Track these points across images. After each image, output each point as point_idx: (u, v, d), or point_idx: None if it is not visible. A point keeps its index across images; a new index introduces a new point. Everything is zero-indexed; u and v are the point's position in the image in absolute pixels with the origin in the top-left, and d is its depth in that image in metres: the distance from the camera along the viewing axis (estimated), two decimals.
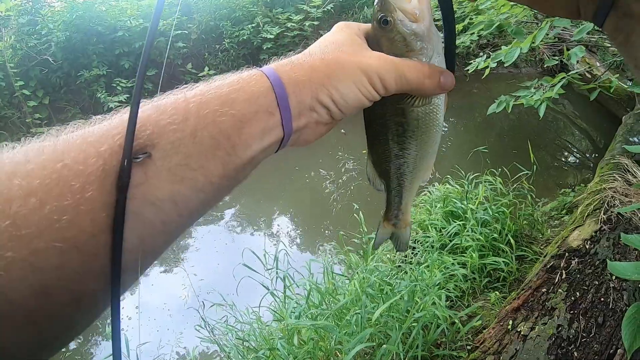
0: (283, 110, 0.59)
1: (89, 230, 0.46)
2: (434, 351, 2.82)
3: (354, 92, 0.63)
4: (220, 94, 0.57)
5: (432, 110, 0.73)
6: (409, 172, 0.80)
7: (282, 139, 0.62)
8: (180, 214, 0.53)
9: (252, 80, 0.60)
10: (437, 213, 4.10)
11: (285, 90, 0.60)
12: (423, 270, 3.26)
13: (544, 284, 2.82)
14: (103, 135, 0.50)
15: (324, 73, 0.62)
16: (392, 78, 0.65)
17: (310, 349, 2.72)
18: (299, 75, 0.62)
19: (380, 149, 0.78)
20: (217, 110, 0.56)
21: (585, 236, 3.13)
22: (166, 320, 5.02)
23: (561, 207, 4.78)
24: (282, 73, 0.61)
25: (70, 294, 0.47)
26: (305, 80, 0.62)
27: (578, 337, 2.38)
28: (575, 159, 7.70)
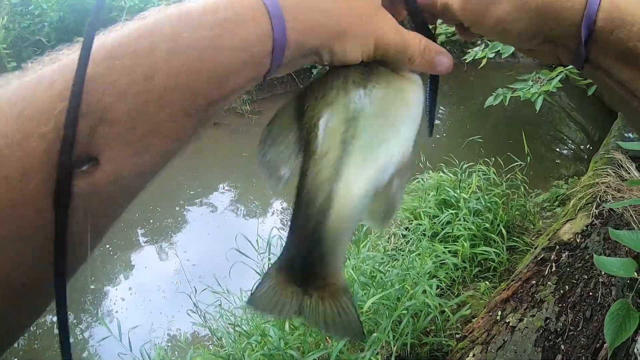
0: (275, 60, 0.50)
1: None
2: (423, 339, 2.85)
3: (357, 54, 0.56)
4: (201, 38, 0.45)
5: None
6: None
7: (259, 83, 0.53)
8: (146, 180, 0.46)
9: (249, 19, 0.48)
10: (429, 201, 4.12)
11: (286, 39, 0.50)
12: (414, 258, 3.28)
13: (534, 276, 2.85)
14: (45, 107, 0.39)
15: (341, 23, 0.54)
16: (394, 52, 0.58)
17: (300, 334, 2.74)
18: (309, 17, 0.52)
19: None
20: (195, 63, 0.44)
21: (577, 230, 3.16)
22: (160, 303, 5.05)
23: (553, 199, 4.81)
24: (289, 11, 0.50)
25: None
26: (313, 27, 0.52)
27: (566, 330, 2.42)
28: (569, 151, 7.73)
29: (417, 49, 0.60)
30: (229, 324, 3.23)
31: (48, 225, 0.38)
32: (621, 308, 1.47)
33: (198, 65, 0.44)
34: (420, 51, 0.60)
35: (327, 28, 0.53)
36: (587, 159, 6.45)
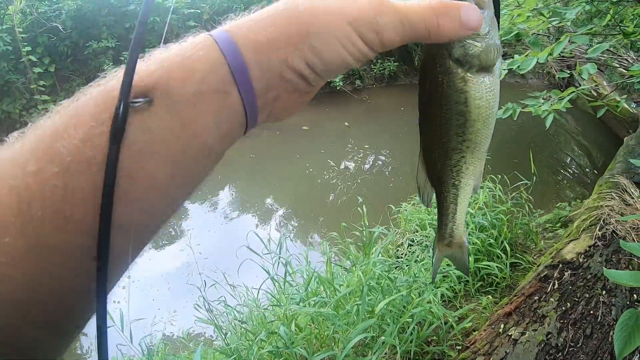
0: (241, 86, 0.46)
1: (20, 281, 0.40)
2: (425, 348, 2.91)
3: (337, 51, 0.48)
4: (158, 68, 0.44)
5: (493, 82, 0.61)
6: (466, 168, 0.69)
7: (246, 122, 0.49)
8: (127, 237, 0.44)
9: (197, 50, 0.46)
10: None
11: (243, 59, 0.46)
12: (420, 268, 3.35)
13: (537, 292, 2.92)
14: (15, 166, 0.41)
15: (295, 28, 0.47)
16: (391, 26, 0.49)
17: (306, 335, 2.80)
18: (260, 35, 0.47)
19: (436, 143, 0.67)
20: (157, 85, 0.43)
21: (580, 250, 3.22)
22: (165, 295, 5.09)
23: (556, 220, 4.87)
24: (237, 35, 0.47)
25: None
26: (269, 41, 0.47)
27: (566, 346, 2.48)
28: (573, 174, 7.81)
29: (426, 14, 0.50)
30: (234, 319, 3.28)
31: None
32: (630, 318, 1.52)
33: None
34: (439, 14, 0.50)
35: (280, 38, 0.47)
36: (591, 183, 6.53)
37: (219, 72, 0.45)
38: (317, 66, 0.48)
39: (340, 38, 0.48)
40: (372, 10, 0.48)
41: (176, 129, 0.43)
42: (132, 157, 0.41)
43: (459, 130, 0.64)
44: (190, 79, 0.44)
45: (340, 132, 8.81)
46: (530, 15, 3.80)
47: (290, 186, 7.63)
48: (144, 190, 0.43)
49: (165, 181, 0.44)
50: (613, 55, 5.82)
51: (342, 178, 7.22)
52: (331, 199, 6.83)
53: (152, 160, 0.43)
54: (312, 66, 0.48)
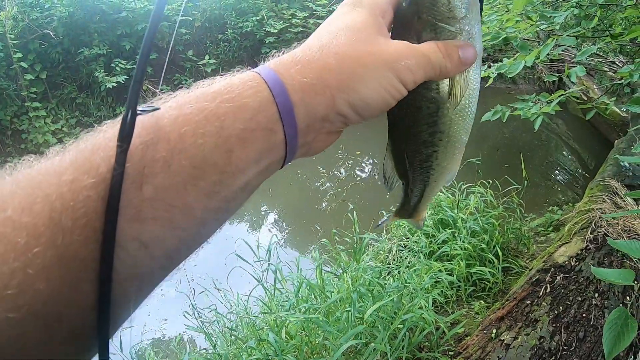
0: (287, 126, 0.48)
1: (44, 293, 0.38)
2: (417, 354, 2.88)
3: (379, 93, 0.52)
4: (204, 108, 0.45)
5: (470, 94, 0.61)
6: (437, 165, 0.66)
7: (284, 158, 0.51)
8: (154, 256, 0.43)
9: (247, 88, 0.48)
10: (427, 220, 4.17)
11: (291, 101, 0.48)
12: (412, 274, 3.32)
13: (529, 296, 2.90)
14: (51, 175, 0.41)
15: (341, 73, 0.50)
16: (421, 68, 0.54)
17: (296, 342, 2.77)
18: (307, 78, 0.49)
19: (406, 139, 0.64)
20: (199, 130, 0.44)
21: (572, 253, 3.21)
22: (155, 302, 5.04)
23: (548, 224, 4.87)
24: (286, 77, 0.49)
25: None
26: (316, 84, 0.49)
27: (559, 349, 2.46)
28: (564, 178, 7.81)
29: (440, 55, 0.55)
30: (225, 327, 3.25)
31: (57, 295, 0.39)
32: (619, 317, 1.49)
33: (203, 132, 0.44)
34: (445, 56, 0.55)
35: (330, 80, 0.50)
36: (582, 186, 6.53)
37: (268, 111, 0.47)
38: (360, 108, 0.52)
39: (381, 80, 0.52)
40: (406, 53, 0.53)
41: (222, 163, 0.45)
42: (174, 187, 0.43)
43: (430, 119, 0.61)
44: (242, 116, 0.46)
45: None
46: (519, 20, 3.80)
47: (282, 192, 7.60)
48: (181, 218, 0.44)
49: (201, 212, 0.45)
50: (602, 59, 5.85)
51: (333, 184, 7.21)
52: (323, 206, 6.81)
53: (194, 192, 0.44)
54: (355, 108, 0.52)
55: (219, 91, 0.47)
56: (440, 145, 0.63)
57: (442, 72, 0.55)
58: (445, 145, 0.63)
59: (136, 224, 0.41)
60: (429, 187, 0.70)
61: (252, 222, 6.86)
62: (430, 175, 0.67)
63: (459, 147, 0.65)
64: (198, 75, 9.69)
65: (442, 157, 0.65)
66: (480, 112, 4.22)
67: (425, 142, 0.63)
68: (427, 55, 0.54)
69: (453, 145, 0.64)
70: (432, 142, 0.63)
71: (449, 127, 0.62)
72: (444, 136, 0.62)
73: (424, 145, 0.63)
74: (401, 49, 0.53)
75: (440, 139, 0.62)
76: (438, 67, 0.55)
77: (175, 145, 0.43)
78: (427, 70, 0.54)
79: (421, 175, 0.68)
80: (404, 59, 0.53)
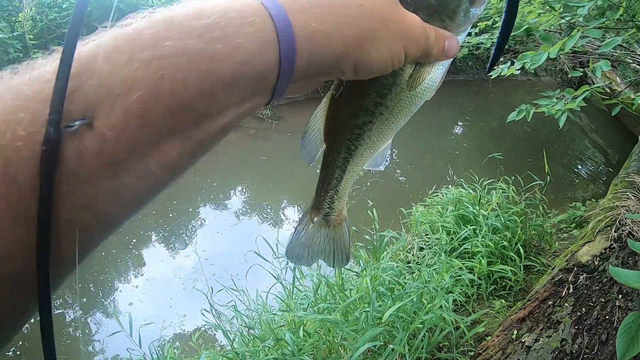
0: (283, 76, 0.43)
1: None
2: (436, 354, 2.85)
3: (385, 60, 0.49)
4: (186, 48, 0.39)
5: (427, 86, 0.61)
6: (368, 137, 0.64)
7: (266, 103, 0.47)
8: (123, 205, 0.40)
9: (247, 25, 0.41)
10: (448, 216, 4.12)
11: (295, 47, 0.42)
12: (432, 273, 3.29)
13: (551, 297, 2.85)
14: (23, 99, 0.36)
15: (360, 29, 0.46)
16: (422, 46, 0.52)
17: (315, 341, 2.76)
18: (323, 26, 0.44)
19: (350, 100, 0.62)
20: (178, 75, 0.38)
21: (595, 252, 3.15)
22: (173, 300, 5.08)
23: (571, 221, 4.79)
24: (299, 21, 0.43)
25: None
26: (330, 34, 0.44)
27: (581, 352, 2.41)
28: (587, 173, 7.69)
29: (433, 39, 0.53)
30: (243, 326, 3.25)
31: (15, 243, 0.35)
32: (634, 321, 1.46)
33: (182, 77, 0.38)
34: (434, 41, 0.54)
35: (347, 34, 0.45)
36: (606, 181, 6.42)
37: (266, 56, 0.41)
38: (361, 70, 0.48)
39: (392, 48, 0.49)
40: (419, 28, 0.51)
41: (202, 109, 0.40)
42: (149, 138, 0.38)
43: (382, 90, 0.60)
44: (234, 59, 0.40)
45: None
46: (541, 12, 3.73)
47: (302, 189, 7.59)
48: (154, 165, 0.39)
49: (174, 158, 0.40)
50: (626, 51, 5.71)
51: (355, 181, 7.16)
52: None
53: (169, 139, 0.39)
54: (357, 69, 0.48)
55: (209, 25, 0.40)
56: (378, 118, 0.62)
57: (426, 54, 0.54)
58: (383, 121, 0.62)
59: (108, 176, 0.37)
60: (353, 160, 0.67)
61: (274, 218, 6.88)
62: (357, 145, 0.65)
63: (393, 129, 0.65)
64: None
65: (375, 131, 0.64)
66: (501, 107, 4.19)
67: (367, 109, 0.62)
68: (427, 36, 0.52)
69: (389, 125, 0.64)
70: (373, 112, 0.62)
71: (393, 106, 0.61)
72: (385, 112, 0.62)
73: (365, 111, 0.62)
74: (416, 23, 0.51)
75: (381, 113, 0.62)
76: (427, 49, 0.53)
77: (150, 91, 0.37)
78: (423, 49, 0.53)
79: (349, 141, 0.65)
80: (417, 33, 0.51)
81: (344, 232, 0.75)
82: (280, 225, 6.65)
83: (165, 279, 5.50)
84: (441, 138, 9.12)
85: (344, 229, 0.75)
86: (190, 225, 6.81)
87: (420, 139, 8.99)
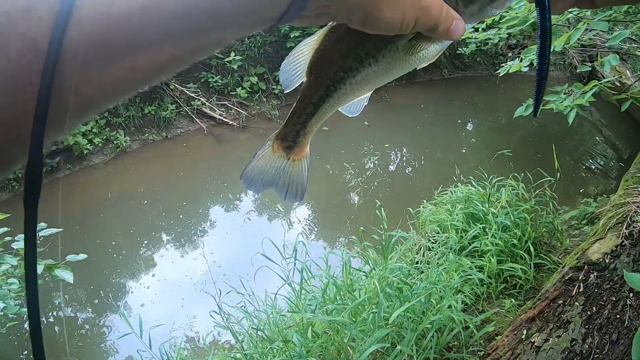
0: (295, 5, 0.42)
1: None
2: (445, 354, 2.84)
3: (393, 23, 0.47)
4: None
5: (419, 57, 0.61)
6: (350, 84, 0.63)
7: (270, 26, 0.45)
8: (105, 94, 0.39)
9: None
10: (457, 214, 4.10)
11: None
12: (441, 272, 3.27)
13: (561, 296, 2.82)
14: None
15: None
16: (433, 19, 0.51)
17: (323, 342, 2.75)
18: None
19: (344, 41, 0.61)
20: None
21: (606, 250, 3.11)
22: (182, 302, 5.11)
23: (582, 217, 4.74)
24: None
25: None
26: None
27: (591, 352, 2.39)
28: (598, 168, 7.62)
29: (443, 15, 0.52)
30: (252, 327, 3.26)
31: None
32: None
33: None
34: (444, 19, 0.52)
35: None
36: (617, 176, 6.36)
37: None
38: (370, 23, 0.47)
39: (405, 13, 0.47)
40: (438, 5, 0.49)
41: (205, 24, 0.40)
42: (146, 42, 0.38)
43: (378, 42, 0.59)
44: None
45: (360, 131, 8.72)
46: None
47: (311, 188, 7.59)
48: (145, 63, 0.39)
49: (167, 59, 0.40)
50: (636, 43, 5.65)
51: (362, 179, 7.16)
52: (352, 201, 6.78)
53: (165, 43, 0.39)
54: (366, 20, 0.47)
55: None
56: (365, 69, 0.61)
57: (432, 29, 0.52)
58: (368, 72, 0.62)
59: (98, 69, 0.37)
60: (328, 100, 0.66)
61: (282, 217, 6.89)
62: (337, 88, 0.64)
63: (374, 82, 0.64)
64: (224, 73, 9.70)
65: (358, 79, 0.63)
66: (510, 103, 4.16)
67: (358, 56, 0.60)
68: (441, 13, 0.51)
69: (371, 78, 0.63)
70: (362, 61, 0.61)
71: (383, 62, 0.60)
72: (374, 64, 0.61)
73: (355, 57, 0.61)
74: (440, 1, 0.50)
75: (369, 64, 0.61)
76: (436, 24, 0.51)
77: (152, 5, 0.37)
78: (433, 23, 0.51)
79: (330, 82, 0.64)
80: (434, 7, 0.49)
81: (303, 168, 0.74)
82: (288, 225, 6.65)
83: (177, 280, 5.53)
84: (450, 135, 9.08)
85: (304, 166, 0.74)
86: (200, 226, 6.83)
87: (429, 136, 8.96)
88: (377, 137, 8.48)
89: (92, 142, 8.16)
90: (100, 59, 0.37)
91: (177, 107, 9.23)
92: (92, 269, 5.71)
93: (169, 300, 5.27)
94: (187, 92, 9.31)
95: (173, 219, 6.87)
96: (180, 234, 6.60)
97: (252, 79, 9.86)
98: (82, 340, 4.93)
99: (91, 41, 0.36)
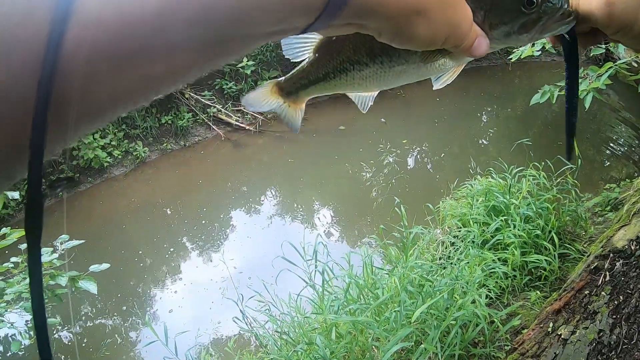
0: (327, 14, 0.40)
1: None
2: (471, 350, 2.81)
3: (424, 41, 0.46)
4: None
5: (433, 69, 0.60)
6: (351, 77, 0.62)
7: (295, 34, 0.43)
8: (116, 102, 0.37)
9: None
10: (478, 207, 4.05)
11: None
12: (463, 267, 3.24)
13: (587, 286, 2.77)
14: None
15: (419, 3, 0.43)
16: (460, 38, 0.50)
17: (347, 343, 2.74)
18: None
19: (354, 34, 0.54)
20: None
21: (631, 236, 3.05)
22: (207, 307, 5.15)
23: (605, 203, 4.66)
24: None
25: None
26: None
27: (620, 343, 2.34)
28: (619, 152, 7.48)
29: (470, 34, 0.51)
30: (275, 331, 3.26)
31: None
32: None
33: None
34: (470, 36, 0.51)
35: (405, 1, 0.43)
36: (639, 159, 6.23)
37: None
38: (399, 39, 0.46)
39: (440, 29, 0.46)
40: (468, 25, 0.49)
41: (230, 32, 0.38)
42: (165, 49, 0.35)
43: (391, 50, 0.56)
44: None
45: (377, 128, 8.68)
46: None
47: (331, 188, 7.59)
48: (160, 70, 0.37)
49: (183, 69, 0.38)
50: None
51: (381, 176, 7.14)
52: (372, 199, 6.75)
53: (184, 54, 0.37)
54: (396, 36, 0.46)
55: None
56: (375, 64, 0.60)
57: (455, 45, 0.50)
58: (377, 70, 0.60)
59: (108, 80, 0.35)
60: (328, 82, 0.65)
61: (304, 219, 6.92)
62: (340, 75, 0.63)
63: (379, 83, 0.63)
64: (238, 79, 9.74)
65: (364, 74, 0.62)
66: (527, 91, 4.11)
67: (372, 49, 0.59)
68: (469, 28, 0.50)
69: (378, 75, 0.61)
70: (374, 56, 0.59)
71: (396, 63, 0.59)
72: (386, 62, 0.59)
73: (369, 50, 0.59)
74: (468, 16, 0.49)
75: (381, 62, 0.59)
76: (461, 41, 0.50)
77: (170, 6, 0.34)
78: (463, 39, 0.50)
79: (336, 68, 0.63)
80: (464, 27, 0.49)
81: (296, 114, 0.75)
82: (314, 226, 6.66)
83: (203, 284, 5.59)
84: (468, 127, 9.00)
85: (298, 114, 0.75)
86: (222, 231, 6.88)
87: (447, 130, 8.89)
88: (394, 133, 8.45)
89: (111, 154, 8.26)
90: (110, 65, 0.34)
91: (193, 116, 9.29)
92: (119, 279, 5.79)
93: (196, 305, 5.32)
94: (203, 100, 9.37)
95: (196, 225, 6.93)
96: (204, 240, 6.66)
97: None
98: (110, 349, 5.00)
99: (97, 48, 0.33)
